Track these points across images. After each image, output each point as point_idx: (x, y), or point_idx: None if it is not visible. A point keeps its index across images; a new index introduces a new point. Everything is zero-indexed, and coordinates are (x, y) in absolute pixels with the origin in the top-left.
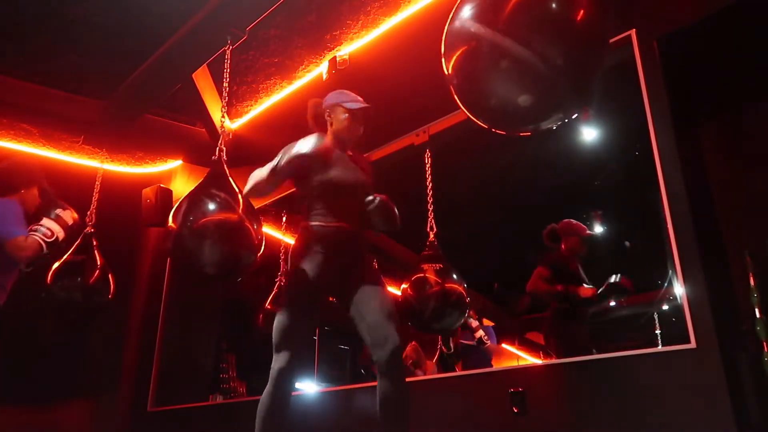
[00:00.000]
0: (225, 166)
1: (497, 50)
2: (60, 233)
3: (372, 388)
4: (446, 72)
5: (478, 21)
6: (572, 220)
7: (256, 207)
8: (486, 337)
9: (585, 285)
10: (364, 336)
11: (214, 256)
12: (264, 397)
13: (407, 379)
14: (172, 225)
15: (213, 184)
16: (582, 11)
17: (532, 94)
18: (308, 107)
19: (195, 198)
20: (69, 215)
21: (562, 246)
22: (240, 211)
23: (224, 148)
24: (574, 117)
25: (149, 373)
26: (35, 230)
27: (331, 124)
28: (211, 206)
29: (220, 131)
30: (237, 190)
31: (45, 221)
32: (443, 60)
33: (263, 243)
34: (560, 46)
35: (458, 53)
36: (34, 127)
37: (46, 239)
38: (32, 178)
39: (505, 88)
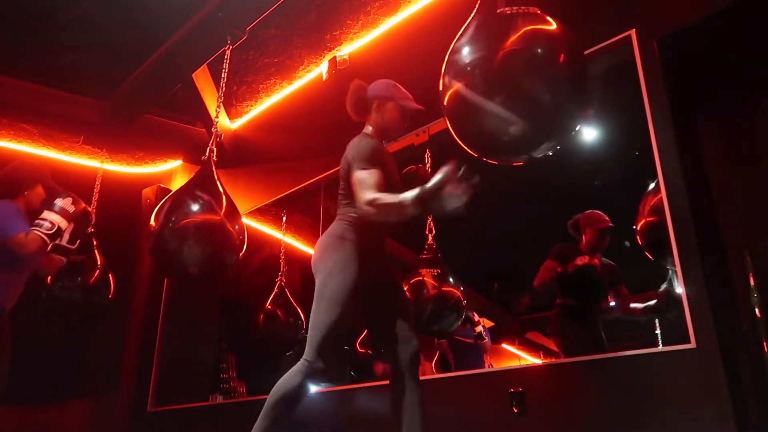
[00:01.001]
0: (213, 166)
1: (491, 87)
2: (62, 222)
3: (371, 389)
4: (443, 103)
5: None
6: (595, 210)
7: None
8: (485, 332)
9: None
10: (384, 335)
11: (192, 256)
12: (286, 386)
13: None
14: (153, 224)
15: (198, 185)
16: (562, 54)
17: (523, 126)
18: (351, 89)
19: (177, 198)
20: (69, 203)
21: (583, 239)
22: (222, 212)
23: (215, 149)
24: (561, 144)
25: (149, 373)
26: (36, 225)
27: (378, 115)
28: (194, 207)
29: (211, 131)
30: (222, 190)
31: (45, 214)
32: (440, 91)
33: (245, 243)
34: (548, 86)
35: (454, 90)
36: (34, 127)
37: (47, 232)
38: (35, 177)
39: (496, 122)
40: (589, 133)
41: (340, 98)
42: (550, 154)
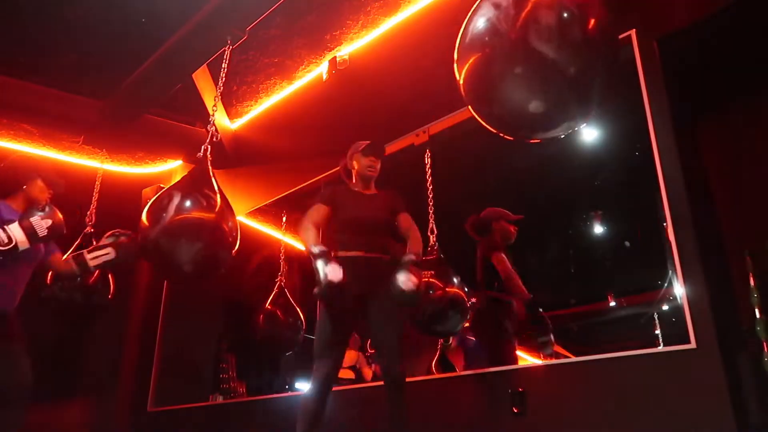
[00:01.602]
0: (209, 163)
1: (511, 58)
2: (22, 241)
3: (371, 388)
4: (458, 78)
5: (493, 30)
6: (497, 208)
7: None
8: None
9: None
10: (376, 355)
11: (183, 253)
12: (307, 398)
13: (406, 379)
14: (144, 222)
15: (192, 182)
16: (593, 20)
17: (544, 101)
18: (340, 168)
19: (168, 195)
20: (43, 225)
21: (494, 236)
22: (215, 209)
23: (209, 147)
24: (582, 125)
25: (149, 373)
26: None
27: (354, 171)
28: (185, 204)
29: (208, 129)
30: (216, 188)
31: (10, 226)
32: (455, 66)
33: (237, 241)
34: (573, 55)
35: (472, 60)
36: (34, 127)
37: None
38: (33, 171)
39: (517, 95)
40: (589, 134)
41: (340, 98)
42: (570, 132)
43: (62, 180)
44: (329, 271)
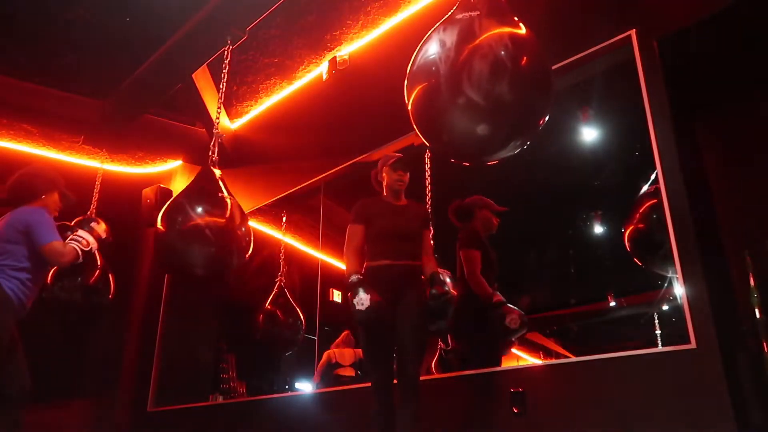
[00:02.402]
0: (216, 167)
1: (453, 94)
2: (94, 245)
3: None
4: (407, 103)
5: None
6: (482, 195)
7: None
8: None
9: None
10: (396, 355)
11: (199, 258)
12: (374, 412)
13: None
14: (160, 227)
15: (203, 187)
16: (524, 56)
17: (488, 128)
18: (371, 176)
19: (183, 200)
20: (102, 228)
21: (475, 224)
22: (227, 213)
23: (216, 149)
24: (531, 141)
25: (149, 373)
26: (74, 239)
27: (383, 183)
28: (199, 209)
29: (212, 132)
30: (226, 192)
31: (81, 232)
32: (405, 91)
33: (251, 245)
34: (509, 88)
35: (418, 90)
36: (34, 127)
37: (83, 248)
38: (52, 183)
39: (462, 125)
40: (589, 134)
41: (340, 98)
42: (517, 152)
43: (73, 196)
44: (358, 301)
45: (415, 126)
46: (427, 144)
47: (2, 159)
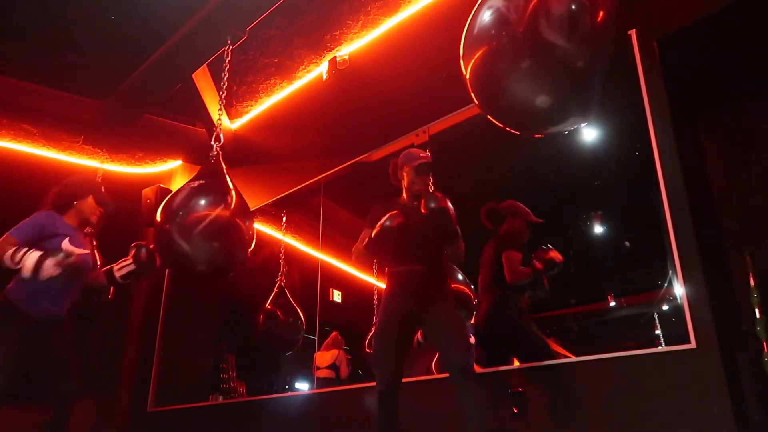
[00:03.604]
0: (221, 160)
1: (519, 51)
2: (26, 270)
3: (374, 388)
4: (464, 72)
5: (501, 21)
6: (517, 202)
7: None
8: None
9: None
10: (438, 349)
11: (201, 252)
12: (378, 419)
13: (404, 380)
14: (159, 220)
15: (205, 180)
16: (602, 14)
17: (552, 96)
18: (389, 170)
19: (183, 194)
20: (51, 266)
21: (504, 227)
22: (231, 207)
23: (220, 142)
24: (588, 121)
25: (149, 373)
26: (27, 257)
27: (403, 181)
28: (202, 202)
29: (215, 126)
30: (231, 186)
31: (31, 253)
32: (461, 61)
33: (254, 240)
34: (582, 48)
35: (479, 54)
36: (34, 127)
37: (11, 260)
38: (85, 189)
39: (525, 89)
40: (589, 134)
41: (340, 98)
42: (576, 127)
43: (113, 200)
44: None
45: (474, 97)
46: (488, 111)
47: (2, 159)
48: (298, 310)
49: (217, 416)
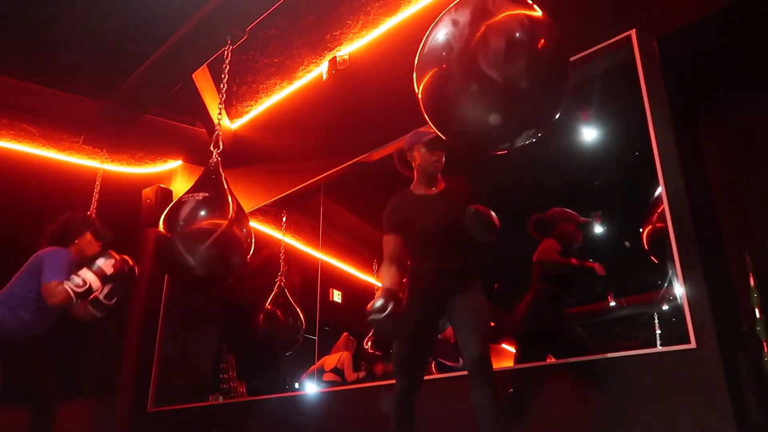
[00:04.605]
0: (219, 168)
1: (464, 77)
2: (94, 282)
3: (374, 388)
4: (416, 91)
5: (449, 46)
6: (563, 208)
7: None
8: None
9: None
10: (459, 342)
11: (200, 260)
12: (391, 415)
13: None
14: (162, 230)
15: (205, 189)
16: (542, 38)
17: (502, 113)
18: (394, 157)
19: (185, 202)
20: (109, 265)
21: (555, 236)
22: (229, 215)
23: (219, 148)
24: (544, 132)
25: (149, 373)
26: (69, 279)
27: (414, 164)
28: (201, 212)
29: (215, 130)
30: (229, 193)
31: (82, 270)
32: (414, 78)
33: (252, 246)
34: (526, 69)
35: (429, 76)
36: (34, 127)
37: (76, 289)
38: (82, 225)
39: (472, 111)
40: (589, 134)
41: (340, 98)
42: (531, 142)
43: (110, 232)
44: (375, 309)
45: (426, 115)
46: (440, 134)
47: (2, 159)
48: (298, 310)
49: (217, 416)
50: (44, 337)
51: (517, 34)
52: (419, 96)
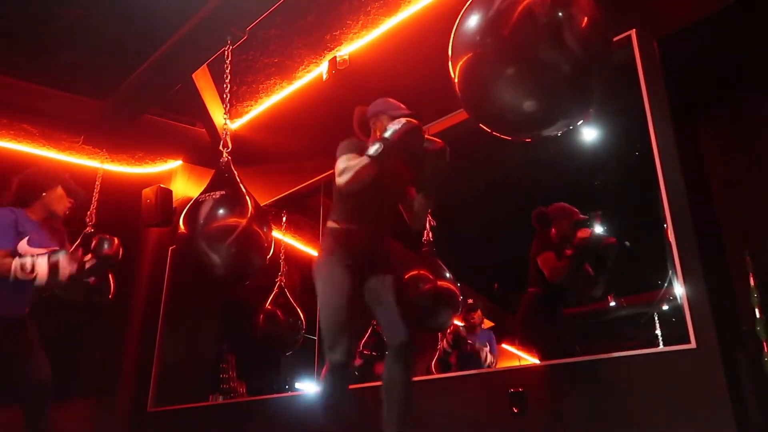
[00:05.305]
0: (231, 167)
1: (504, 58)
2: (42, 275)
3: (375, 388)
4: (452, 77)
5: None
6: (565, 203)
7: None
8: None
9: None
10: (381, 327)
11: (226, 260)
12: (324, 390)
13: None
14: (183, 229)
15: (220, 187)
16: (585, 17)
17: (539, 101)
18: (354, 114)
19: (203, 201)
20: (70, 267)
21: (552, 231)
22: (249, 212)
23: (229, 147)
24: (578, 123)
25: (149, 373)
26: (23, 254)
27: (375, 131)
28: (220, 210)
29: (222, 132)
30: (245, 192)
31: (39, 260)
32: (450, 64)
33: (272, 246)
34: (565, 52)
35: (465, 59)
36: (34, 127)
37: (20, 272)
38: (53, 179)
39: (511, 94)
40: (589, 134)
41: (340, 98)
42: (565, 131)
43: (83, 190)
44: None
45: (462, 98)
46: (476, 117)
47: (2, 159)
48: (298, 310)
49: (217, 416)
50: (29, 323)
51: (559, 13)
52: (455, 81)
